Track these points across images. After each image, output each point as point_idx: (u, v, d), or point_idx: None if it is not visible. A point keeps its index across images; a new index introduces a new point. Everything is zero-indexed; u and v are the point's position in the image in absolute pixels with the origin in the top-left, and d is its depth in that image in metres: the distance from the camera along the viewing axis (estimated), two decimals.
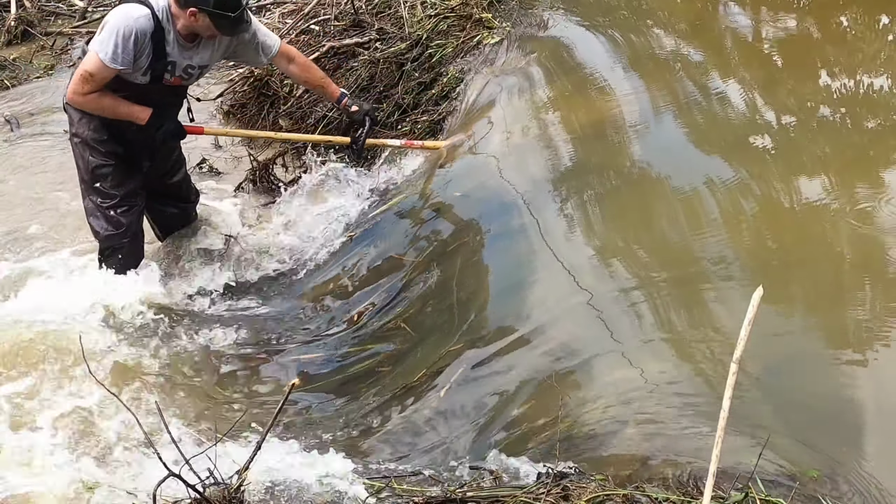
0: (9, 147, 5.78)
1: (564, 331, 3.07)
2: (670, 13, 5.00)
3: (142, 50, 3.58)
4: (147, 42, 3.58)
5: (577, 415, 2.73)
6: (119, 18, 3.55)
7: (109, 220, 3.91)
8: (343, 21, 5.51)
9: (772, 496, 2.22)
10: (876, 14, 4.62)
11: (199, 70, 3.84)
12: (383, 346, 3.47)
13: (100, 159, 3.85)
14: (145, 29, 3.55)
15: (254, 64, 4.05)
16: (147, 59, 3.62)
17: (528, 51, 4.71)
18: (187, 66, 3.76)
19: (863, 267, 3.02)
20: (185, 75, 3.81)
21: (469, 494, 2.37)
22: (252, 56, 4.00)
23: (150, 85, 3.72)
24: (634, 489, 2.31)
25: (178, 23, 3.62)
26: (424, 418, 3.01)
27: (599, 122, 4.06)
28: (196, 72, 3.84)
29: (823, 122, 3.85)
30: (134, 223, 3.97)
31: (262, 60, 4.03)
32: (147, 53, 3.61)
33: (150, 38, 3.57)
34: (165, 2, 3.60)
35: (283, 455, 2.78)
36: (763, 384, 2.61)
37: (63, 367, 3.32)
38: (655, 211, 3.48)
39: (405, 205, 4.17)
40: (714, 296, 2.99)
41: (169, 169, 4.20)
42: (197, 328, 3.81)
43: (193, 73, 3.84)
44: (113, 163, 3.86)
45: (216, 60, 3.93)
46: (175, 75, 3.76)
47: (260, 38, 3.89)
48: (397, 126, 4.91)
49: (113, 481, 2.75)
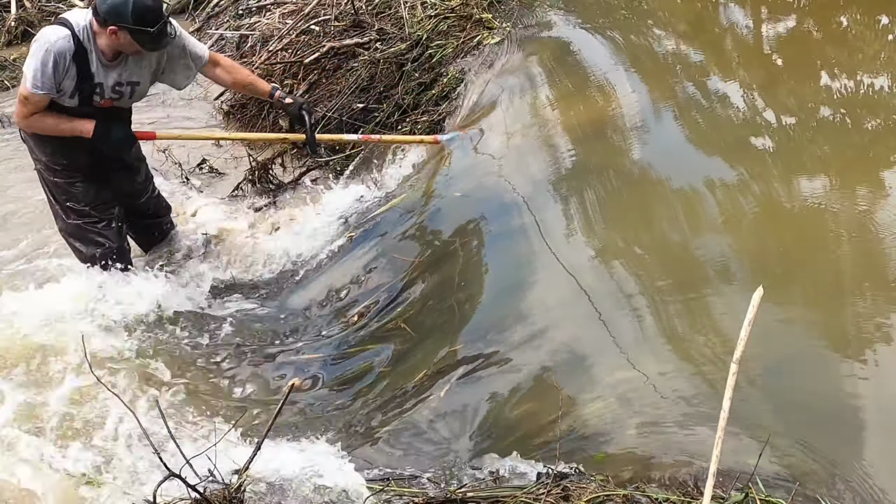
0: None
1: (564, 331, 3.07)
2: (670, 13, 5.00)
3: (63, 73, 3.48)
4: (69, 64, 3.47)
5: (577, 415, 2.73)
6: (39, 43, 3.46)
7: (90, 238, 3.86)
8: (343, 21, 5.51)
9: (772, 496, 2.22)
10: (876, 14, 4.63)
11: (130, 87, 3.68)
12: (383, 347, 3.47)
13: (65, 178, 3.78)
14: (64, 50, 3.44)
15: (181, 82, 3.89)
16: (72, 81, 3.51)
17: (528, 51, 4.72)
18: (115, 84, 3.63)
19: (863, 267, 3.02)
20: (116, 95, 3.66)
21: (469, 494, 2.37)
22: (182, 71, 3.83)
23: (81, 108, 3.60)
24: (634, 489, 2.31)
25: (101, 41, 3.51)
26: (425, 419, 3.01)
27: (600, 122, 4.06)
28: (127, 89, 3.68)
29: (823, 122, 3.85)
30: (115, 237, 3.91)
31: (191, 74, 3.87)
32: (71, 76, 3.50)
33: (71, 60, 3.46)
34: (86, 21, 3.50)
35: (283, 455, 2.79)
36: (763, 384, 2.61)
37: (63, 366, 3.33)
38: (655, 211, 3.48)
39: (405, 205, 4.17)
40: (714, 296, 2.99)
41: (135, 192, 4.11)
42: (197, 328, 3.82)
43: (124, 92, 3.68)
44: (79, 179, 3.80)
45: (149, 77, 3.75)
46: (105, 97, 3.63)
47: (189, 48, 3.77)
48: (397, 126, 4.92)
49: (113, 481, 2.76)
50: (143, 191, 4.15)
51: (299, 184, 5.02)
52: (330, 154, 5.10)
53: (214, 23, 6.87)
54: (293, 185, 5.02)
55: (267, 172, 5.05)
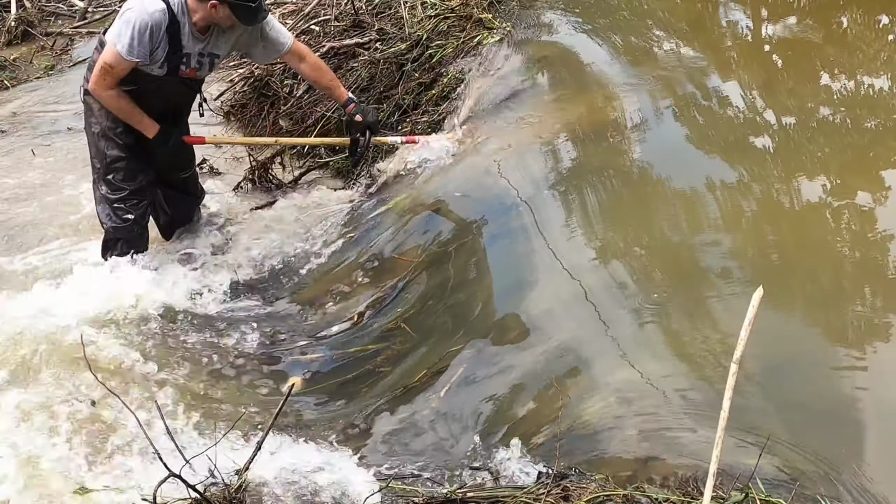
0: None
1: (564, 331, 3.07)
2: (670, 13, 5.00)
3: (157, 43, 3.66)
4: (162, 35, 3.65)
5: (577, 415, 2.73)
6: (135, 12, 3.62)
7: (116, 212, 3.98)
8: (343, 21, 5.51)
9: (772, 496, 2.22)
10: (876, 14, 4.63)
11: (209, 59, 3.88)
12: (383, 347, 3.47)
13: (115, 151, 3.91)
14: (160, 23, 3.63)
15: (261, 60, 4.18)
16: (163, 51, 3.70)
17: (528, 51, 4.72)
18: (199, 54, 3.82)
19: (863, 267, 3.02)
20: (198, 65, 3.86)
21: (469, 494, 2.37)
22: (260, 52, 4.04)
23: (167, 77, 3.80)
24: (634, 489, 2.31)
25: (196, 15, 3.69)
26: (425, 419, 3.01)
27: (600, 122, 4.06)
28: (206, 60, 3.88)
29: (823, 122, 3.85)
30: (139, 218, 4.03)
31: (270, 57, 4.10)
32: (163, 46, 3.68)
33: (165, 32, 3.65)
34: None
35: (283, 455, 2.79)
36: (763, 384, 2.61)
37: (63, 366, 3.32)
38: (655, 211, 3.48)
39: (405, 205, 4.17)
40: (714, 296, 2.99)
41: (182, 167, 4.30)
42: (197, 328, 3.81)
43: (205, 63, 3.89)
44: (126, 156, 3.93)
45: (226, 51, 3.97)
46: (190, 66, 3.84)
47: (272, 34, 3.94)
48: (397, 127, 4.92)
49: (113, 481, 2.76)
50: (187, 166, 4.34)
51: (299, 184, 5.02)
52: (330, 154, 5.10)
53: None
54: (293, 184, 5.02)
55: (267, 172, 5.05)
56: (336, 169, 5.02)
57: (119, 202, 3.97)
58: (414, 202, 4.15)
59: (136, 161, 3.96)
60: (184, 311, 3.93)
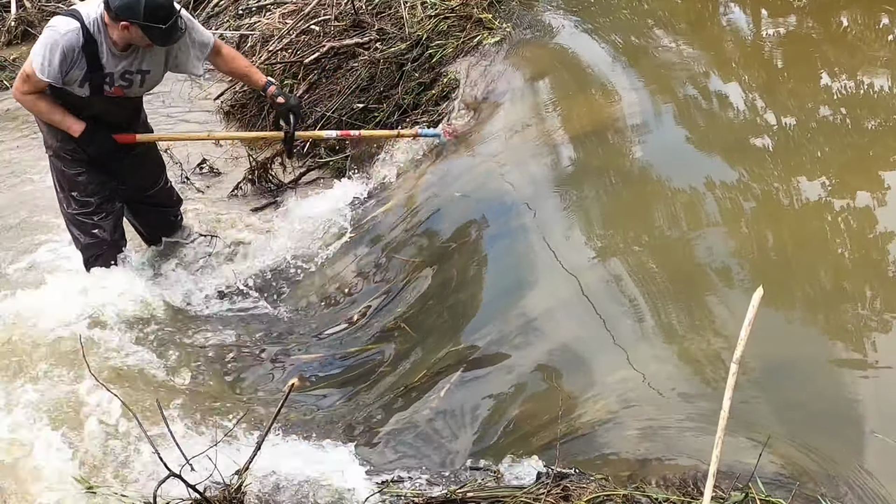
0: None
1: (564, 331, 3.07)
2: (671, 13, 5.00)
3: (72, 64, 3.54)
4: (78, 55, 3.53)
5: (577, 415, 2.73)
6: (48, 32, 3.53)
7: (87, 229, 3.91)
8: (343, 21, 5.50)
9: (772, 496, 2.22)
10: (876, 14, 4.63)
11: (140, 76, 3.73)
12: (383, 347, 3.47)
13: (72, 168, 3.83)
14: (73, 44, 3.50)
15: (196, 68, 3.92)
16: (81, 71, 3.57)
17: (528, 51, 4.72)
18: (124, 72, 3.67)
19: (863, 267, 3.02)
20: (125, 83, 3.70)
21: (469, 494, 2.37)
22: (193, 61, 3.85)
23: (92, 97, 3.66)
24: (634, 489, 2.31)
25: (112, 33, 3.55)
26: (425, 418, 3.01)
27: (600, 122, 4.06)
28: (137, 77, 3.72)
29: (823, 123, 3.85)
30: (112, 230, 3.95)
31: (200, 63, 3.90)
32: (80, 67, 3.56)
33: (80, 51, 3.52)
34: (97, 13, 3.54)
35: (283, 455, 2.79)
36: (763, 384, 2.61)
37: (63, 366, 3.32)
38: (655, 211, 3.48)
39: (405, 205, 4.17)
40: (714, 296, 2.99)
41: (144, 185, 4.13)
42: (197, 328, 3.81)
43: (134, 80, 3.72)
44: (84, 170, 3.84)
45: (162, 66, 3.80)
46: (114, 86, 3.69)
47: (196, 37, 3.79)
48: (397, 126, 4.91)
49: (113, 481, 2.76)
50: (152, 184, 4.17)
51: (299, 184, 5.02)
52: (330, 154, 5.10)
53: (214, 23, 6.86)
54: (293, 184, 5.02)
55: (267, 172, 5.05)
56: (336, 169, 5.02)
57: (86, 217, 3.88)
58: (414, 202, 4.15)
59: (95, 173, 3.86)
60: (183, 311, 3.93)
